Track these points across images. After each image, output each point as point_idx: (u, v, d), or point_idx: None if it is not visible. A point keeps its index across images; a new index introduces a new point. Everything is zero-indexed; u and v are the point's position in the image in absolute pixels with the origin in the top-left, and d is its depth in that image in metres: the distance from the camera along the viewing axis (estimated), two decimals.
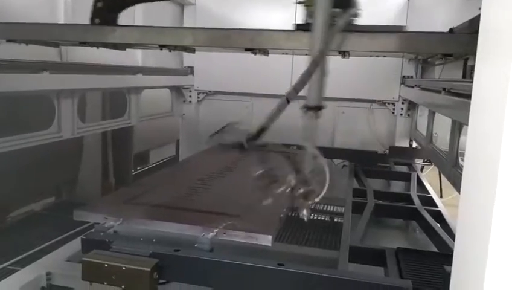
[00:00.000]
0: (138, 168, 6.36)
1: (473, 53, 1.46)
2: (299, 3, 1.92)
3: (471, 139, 0.90)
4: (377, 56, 3.01)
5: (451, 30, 1.84)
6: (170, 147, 7.17)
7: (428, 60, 3.72)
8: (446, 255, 2.12)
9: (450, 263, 2.04)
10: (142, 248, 1.67)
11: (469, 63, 2.57)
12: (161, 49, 2.24)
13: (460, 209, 0.86)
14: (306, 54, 3.46)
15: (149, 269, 1.54)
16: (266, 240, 1.87)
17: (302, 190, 1.66)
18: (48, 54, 3.36)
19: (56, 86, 3.11)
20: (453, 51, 1.76)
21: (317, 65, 1.67)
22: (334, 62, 3.66)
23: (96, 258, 1.60)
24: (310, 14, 1.75)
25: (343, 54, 2.03)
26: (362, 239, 2.36)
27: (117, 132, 4.96)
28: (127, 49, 4.18)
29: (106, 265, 1.57)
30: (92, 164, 5.00)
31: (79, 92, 3.49)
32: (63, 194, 5.02)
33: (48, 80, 2.97)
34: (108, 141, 5.12)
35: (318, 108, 1.87)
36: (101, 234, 1.84)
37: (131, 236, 1.86)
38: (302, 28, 1.83)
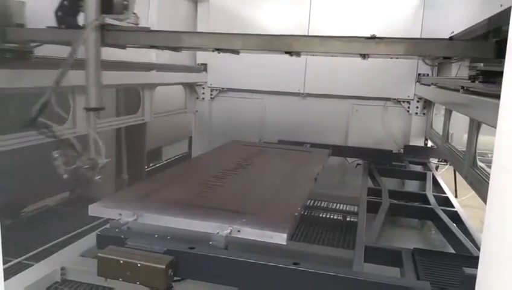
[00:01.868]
0: (151, 165, 6.38)
1: (469, 57, 1.99)
2: None
3: (499, 143, 0.87)
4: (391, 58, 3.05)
5: (451, 38, 2.24)
6: (183, 143, 7.17)
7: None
8: (464, 257, 2.09)
9: (468, 265, 2.01)
10: (157, 245, 1.66)
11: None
12: (218, 53, 2.56)
13: (488, 212, 0.84)
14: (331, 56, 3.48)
15: (164, 266, 1.53)
16: (281, 238, 1.85)
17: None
18: (61, 50, 3.37)
19: (71, 82, 3.12)
20: (452, 54, 2.09)
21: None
22: (348, 60, 3.69)
23: (112, 254, 1.60)
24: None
25: (363, 56, 2.27)
26: (377, 239, 2.33)
27: (130, 128, 4.98)
28: None
29: (121, 261, 1.57)
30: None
31: None
32: (77, 189, 5.06)
33: None
34: (122, 137, 5.15)
35: (97, 109, 2.39)
36: (116, 230, 1.84)
37: (146, 233, 1.85)
38: None
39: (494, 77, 1.93)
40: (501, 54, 1.81)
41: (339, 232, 3.91)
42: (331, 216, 4.41)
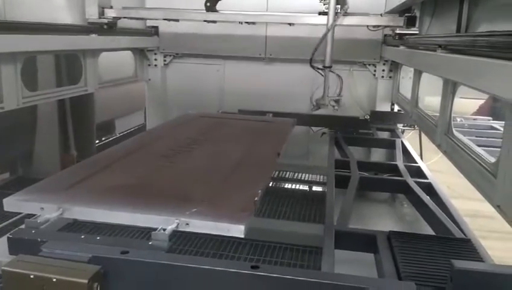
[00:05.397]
0: (103, 139, 5.93)
1: (391, 26, 3.75)
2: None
3: None
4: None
5: (381, 15, 3.78)
6: (139, 115, 6.76)
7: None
8: (445, 239, 1.86)
9: (447, 248, 1.79)
10: (81, 250, 1.32)
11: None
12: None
13: None
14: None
15: (86, 281, 1.20)
16: (238, 231, 1.56)
17: None
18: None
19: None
20: (382, 24, 3.76)
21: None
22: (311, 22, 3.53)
23: (19, 267, 1.25)
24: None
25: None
26: (348, 221, 2.08)
27: (76, 100, 4.50)
28: (76, 6, 3.71)
29: (32, 276, 1.22)
30: (48, 135, 4.55)
31: (23, 56, 3.02)
32: (19, 170, 4.60)
33: None
34: (67, 109, 4.66)
35: (329, 67, 3.75)
36: (33, 231, 1.47)
37: (71, 233, 1.50)
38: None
39: (404, 36, 3.50)
40: (408, 23, 3.55)
41: (306, 204, 3.71)
42: (297, 186, 4.22)
